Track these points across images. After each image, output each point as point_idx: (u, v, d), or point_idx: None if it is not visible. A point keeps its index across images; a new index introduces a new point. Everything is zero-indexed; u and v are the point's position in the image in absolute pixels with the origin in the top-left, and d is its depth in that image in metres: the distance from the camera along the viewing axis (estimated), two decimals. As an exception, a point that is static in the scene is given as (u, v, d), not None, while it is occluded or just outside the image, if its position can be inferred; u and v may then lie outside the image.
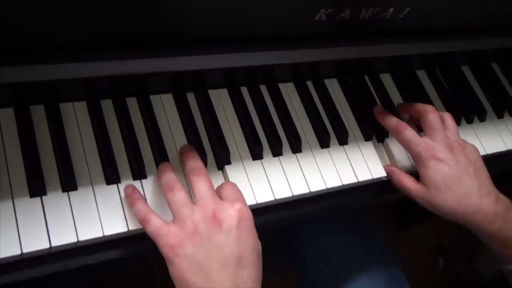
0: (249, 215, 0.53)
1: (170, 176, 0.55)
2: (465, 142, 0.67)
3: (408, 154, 0.70)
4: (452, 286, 1.50)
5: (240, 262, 0.50)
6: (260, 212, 0.62)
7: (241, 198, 0.55)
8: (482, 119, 0.82)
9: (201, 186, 0.53)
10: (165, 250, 0.49)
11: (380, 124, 0.71)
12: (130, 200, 0.54)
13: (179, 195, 0.52)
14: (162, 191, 0.54)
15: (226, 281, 0.48)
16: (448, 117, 0.68)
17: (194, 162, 0.56)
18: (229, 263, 0.49)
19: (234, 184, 0.56)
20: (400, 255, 0.84)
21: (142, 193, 0.56)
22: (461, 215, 0.62)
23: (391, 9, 0.61)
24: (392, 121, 0.68)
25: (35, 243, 0.51)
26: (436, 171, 0.62)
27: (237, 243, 0.50)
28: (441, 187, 0.62)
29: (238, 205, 0.52)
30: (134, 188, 0.56)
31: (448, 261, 1.47)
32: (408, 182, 0.65)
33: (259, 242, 0.53)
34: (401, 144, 0.67)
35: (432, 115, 0.66)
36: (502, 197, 0.64)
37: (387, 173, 0.68)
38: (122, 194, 0.56)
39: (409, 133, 0.65)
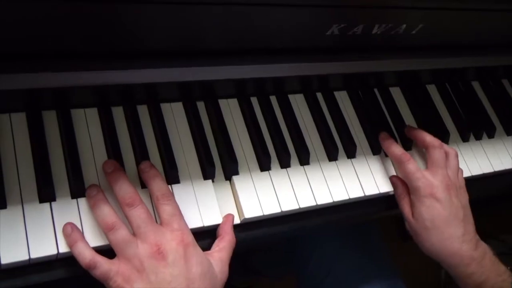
0: (191, 241, 0.52)
1: (106, 213, 0.52)
2: (461, 183, 0.68)
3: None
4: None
5: None
6: (266, 223, 0.62)
7: (180, 218, 0.53)
8: (491, 135, 0.81)
9: (138, 217, 0.51)
10: None
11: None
12: (69, 240, 0.51)
13: (120, 233, 0.51)
14: (102, 229, 0.52)
15: None
16: (453, 155, 0.68)
17: (125, 190, 0.53)
18: None
19: (172, 204, 0.54)
20: (403, 267, 0.83)
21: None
22: (439, 254, 0.64)
23: (404, 26, 0.61)
24: (396, 151, 0.68)
25: (43, 248, 0.51)
26: (430, 209, 0.63)
27: (185, 274, 0.50)
28: (429, 225, 0.63)
29: (179, 235, 0.51)
30: (73, 226, 0.52)
31: (449, 275, 1.47)
32: (405, 205, 0.66)
33: (208, 263, 0.53)
34: (402, 174, 0.68)
35: (439, 151, 0.67)
36: (482, 243, 0.66)
37: (392, 183, 0.69)
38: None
39: (412, 166, 0.66)
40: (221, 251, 0.56)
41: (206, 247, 0.56)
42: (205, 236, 0.58)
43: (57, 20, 0.49)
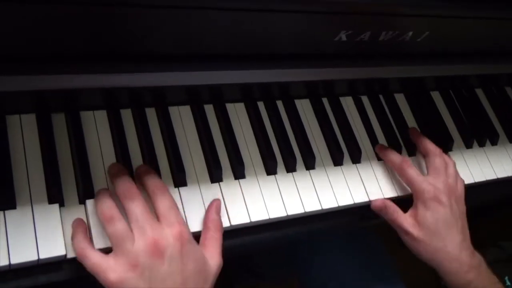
0: (188, 236, 0.52)
1: (107, 205, 0.52)
2: (460, 193, 0.68)
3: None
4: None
5: None
6: (272, 227, 0.62)
7: (177, 212, 0.53)
8: (494, 142, 0.82)
9: (136, 210, 0.51)
10: (106, 286, 0.49)
11: (392, 143, 0.72)
12: (72, 231, 0.52)
13: (118, 226, 0.50)
14: (101, 221, 0.52)
15: None
16: (452, 164, 0.69)
17: (125, 184, 0.53)
18: None
19: (169, 198, 0.54)
20: (401, 273, 0.84)
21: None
22: (439, 259, 0.64)
23: (410, 33, 0.62)
24: (395, 158, 0.69)
25: (52, 249, 0.51)
26: (435, 213, 0.64)
27: (180, 271, 0.50)
28: (432, 228, 0.64)
29: (177, 229, 0.51)
30: (80, 220, 0.53)
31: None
32: (403, 219, 0.65)
33: (204, 259, 0.53)
34: (404, 180, 0.68)
35: (440, 159, 0.68)
36: (476, 253, 0.66)
37: (380, 207, 0.66)
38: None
39: (413, 171, 0.67)
40: (212, 241, 0.55)
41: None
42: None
43: (68, 23, 0.49)
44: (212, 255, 0.54)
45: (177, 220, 0.52)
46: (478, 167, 0.78)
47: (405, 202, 0.68)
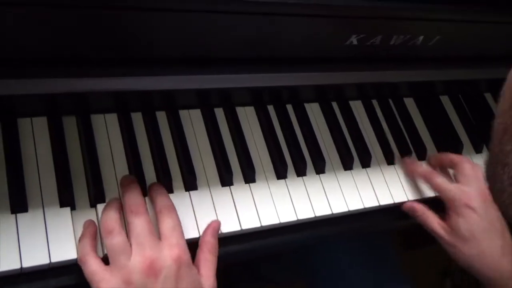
0: (187, 260, 0.51)
1: (110, 217, 0.52)
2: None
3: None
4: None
5: None
6: (282, 231, 0.62)
7: (180, 235, 0.52)
8: (503, 147, 0.82)
9: (138, 225, 0.51)
10: None
11: (402, 148, 0.72)
12: (82, 233, 0.52)
13: (116, 240, 0.50)
14: (101, 231, 0.52)
15: None
16: (479, 169, 0.67)
17: (133, 199, 0.53)
18: None
19: (174, 219, 0.53)
20: (409, 275, 0.84)
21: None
22: (478, 267, 0.62)
23: (421, 37, 0.62)
24: (423, 170, 0.68)
25: (63, 252, 0.51)
26: (467, 220, 0.62)
27: None
28: (467, 236, 0.62)
29: (176, 252, 0.50)
30: (91, 222, 0.53)
31: (455, 284, 1.46)
32: (434, 223, 0.65)
33: (199, 282, 0.52)
34: (433, 189, 0.67)
35: (468, 165, 0.67)
36: None
37: (409, 210, 0.67)
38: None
39: (442, 179, 0.66)
40: (206, 263, 0.54)
41: (222, 254, 0.56)
42: (223, 243, 0.58)
43: (79, 26, 0.50)
44: (207, 277, 0.53)
45: (177, 243, 0.51)
46: (487, 171, 0.77)
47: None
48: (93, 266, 0.49)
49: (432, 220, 0.65)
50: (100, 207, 0.54)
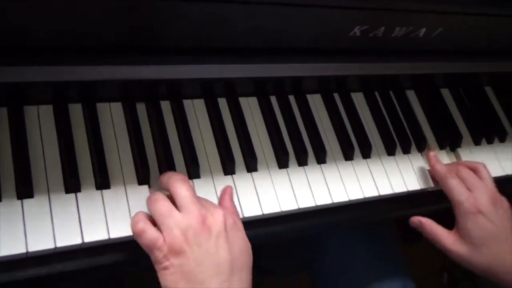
0: (233, 218, 0.53)
1: (155, 193, 0.53)
2: (502, 196, 0.66)
3: (428, 173, 0.71)
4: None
5: (232, 267, 0.50)
6: (284, 219, 0.63)
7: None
8: (502, 140, 0.83)
9: (183, 191, 0.52)
10: (157, 261, 0.49)
11: (402, 139, 0.73)
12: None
13: (162, 205, 0.51)
14: (147, 205, 0.53)
15: None
16: (482, 167, 0.67)
17: (176, 174, 0.54)
18: (221, 269, 0.49)
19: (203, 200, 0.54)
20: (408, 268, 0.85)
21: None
22: (494, 273, 0.61)
23: (424, 29, 0.62)
24: (441, 168, 0.68)
25: (68, 238, 0.52)
26: (477, 225, 0.61)
27: (228, 247, 0.50)
28: (478, 242, 0.61)
29: (222, 211, 0.52)
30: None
31: (452, 278, 1.48)
32: (443, 236, 0.65)
33: (248, 244, 0.54)
34: (444, 189, 0.67)
35: (464, 171, 0.67)
36: None
37: (416, 225, 0.67)
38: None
39: (455, 181, 0.65)
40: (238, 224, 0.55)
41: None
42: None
43: (88, 14, 0.50)
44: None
45: (216, 206, 0.54)
46: (486, 163, 0.78)
47: (447, 214, 0.67)
48: (153, 233, 0.50)
49: (441, 234, 0.65)
50: (106, 193, 0.55)
